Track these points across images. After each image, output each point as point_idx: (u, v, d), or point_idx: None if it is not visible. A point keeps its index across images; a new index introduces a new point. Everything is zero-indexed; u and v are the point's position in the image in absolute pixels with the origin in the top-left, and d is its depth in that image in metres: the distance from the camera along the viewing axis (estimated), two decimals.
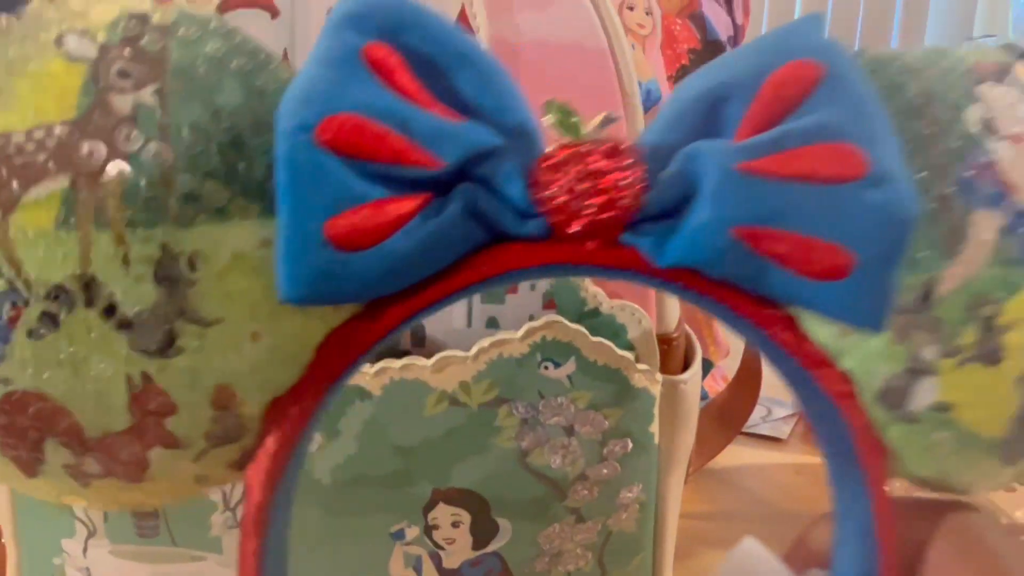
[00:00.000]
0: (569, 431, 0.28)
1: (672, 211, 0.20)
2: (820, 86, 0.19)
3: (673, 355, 0.29)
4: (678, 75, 0.37)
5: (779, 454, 0.45)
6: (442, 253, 0.19)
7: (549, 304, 0.29)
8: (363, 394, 0.29)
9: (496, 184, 0.19)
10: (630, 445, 0.29)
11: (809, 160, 0.18)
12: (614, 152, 0.19)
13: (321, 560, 0.31)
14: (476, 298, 0.30)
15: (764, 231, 0.19)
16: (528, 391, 0.28)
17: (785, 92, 0.19)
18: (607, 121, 0.20)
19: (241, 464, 0.20)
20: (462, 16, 0.28)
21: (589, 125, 0.20)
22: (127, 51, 0.18)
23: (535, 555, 0.31)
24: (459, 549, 0.30)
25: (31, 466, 0.19)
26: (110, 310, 0.18)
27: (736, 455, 0.43)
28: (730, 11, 0.45)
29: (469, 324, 0.30)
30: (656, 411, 0.29)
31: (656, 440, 0.29)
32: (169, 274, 0.18)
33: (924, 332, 0.20)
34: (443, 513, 0.29)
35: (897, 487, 0.21)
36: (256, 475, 0.20)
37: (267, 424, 0.20)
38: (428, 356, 0.28)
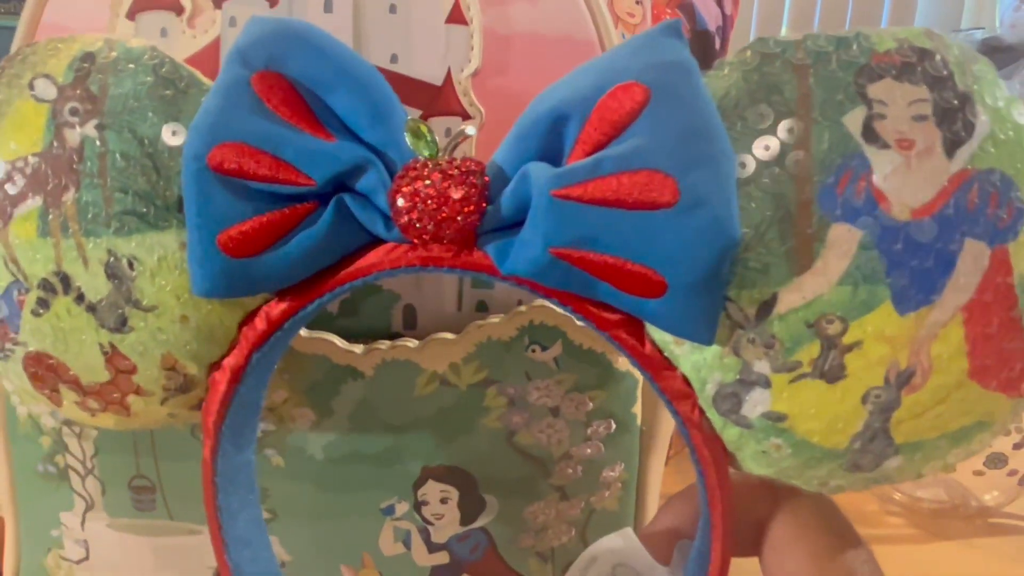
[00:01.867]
0: (555, 412, 0.30)
1: (516, 224, 0.21)
2: (645, 110, 0.19)
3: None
4: None
5: None
6: (326, 254, 0.23)
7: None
8: (355, 374, 0.30)
9: (369, 195, 0.22)
10: (613, 426, 0.30)
11: (621, 187, 0.19)
12: (457, 169, 0.21)
13: (313, 534, 0.32)
14: (466, 283, 0.30)
15: (579, 253, 0.20)
16: (516, 373, 0.29)
17: (611, 116, 0.19)
18: (457, 137, 0.21)
19: (199, 407, 0.26)
20: (456, 8, 0.29)
21: (443, 142, 0.21)
22: (78, 91, 0.23)
23: (520, 530, 0.32)
24: (447, 524, 0.31)
25: (56, 401, 0.26)
26: (80, 298, 0.24)
27: None
28: (719, 1, 0.40)
29: (459, 308, 0.30)
30: (639, 393, 0.30)
31: (639, 422, 0.30)
32: (116, 272, 0.23)
33: (757, 347, 0.20)
34: (432, 489, 0.30)
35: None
36: (207, 418, 0.25)
37: (211, 381, 0.25)
38: (419, 338, 0.29)
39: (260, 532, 0.28)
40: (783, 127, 0.20)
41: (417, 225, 0.21)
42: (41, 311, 0.24)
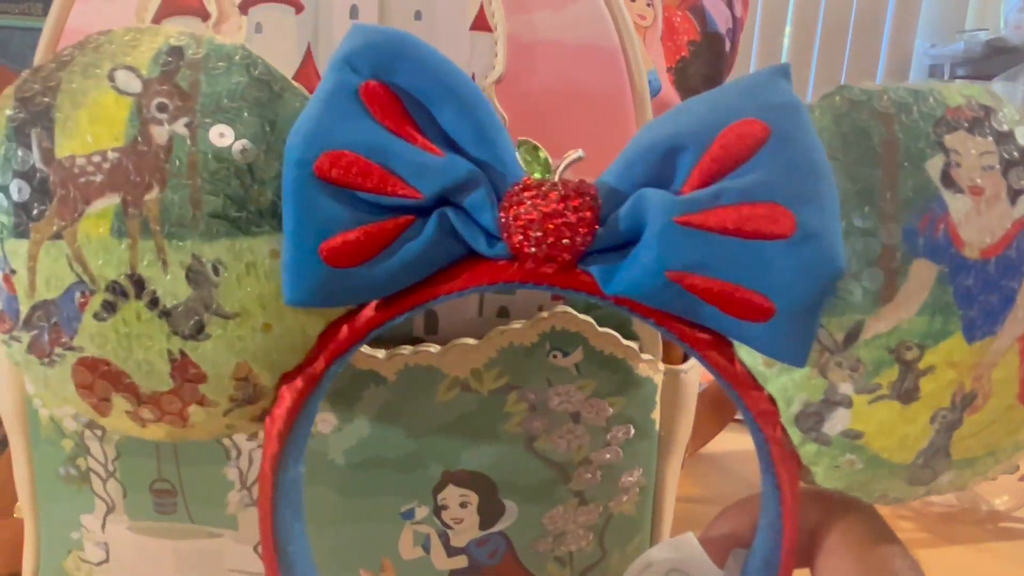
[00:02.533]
0: (575, 417, 0.30)
1: (621, 245, 0.22)
2: (764, 146, 0.21)
3: (674, 346, 0.31)
4: (678, 67, 0.37)
5: None
6: (422, 267, 0.23)
7: (558, 296, 0.30)
8: (377, 379, 0.30)
9: (472, 211, 0.22)
10: (632, 431, 0.30)
11: (741, 217, 0.20)
12: (574, 191, 0.22)
13: (333, 539, 0.32)
14: None
15: (694, 276, 0.21)
16: (537, 378, 0.29)
17: (732, 150, 0.21)
18: (573, 160, 0.22)
19: (261, 419, 0.25)
20: (480, 15, 0.29)
21: (559, 163, 0.22)
22: (165, 86, 0.22)
23: (539, 535, 0.32)
24: (466, 528, 0.31)
25: (103, 410, 0.24)
26: (154, 302, 0.22)
27: (727, 441, 0.44)
28: (730, 3, 0.43)
29: (480, 313, 0.30)
30: (658, 399, 0.31)
31: (657, 427, 0.31)
32: (198, 276, 0.22)
33: (843, 370, 0.22)
34: (452, 494, 0.30)
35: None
36: (272, 430, 0.25)
37: (279, 392, 0.24)
38: (441, 344, 0.30)
39: (307, 550, 0.27)
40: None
41: (532, 245, 0.22)
42: (106, 315, 0.23)
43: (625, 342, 0.30)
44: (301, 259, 0.22)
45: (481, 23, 0.29)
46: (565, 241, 0.22)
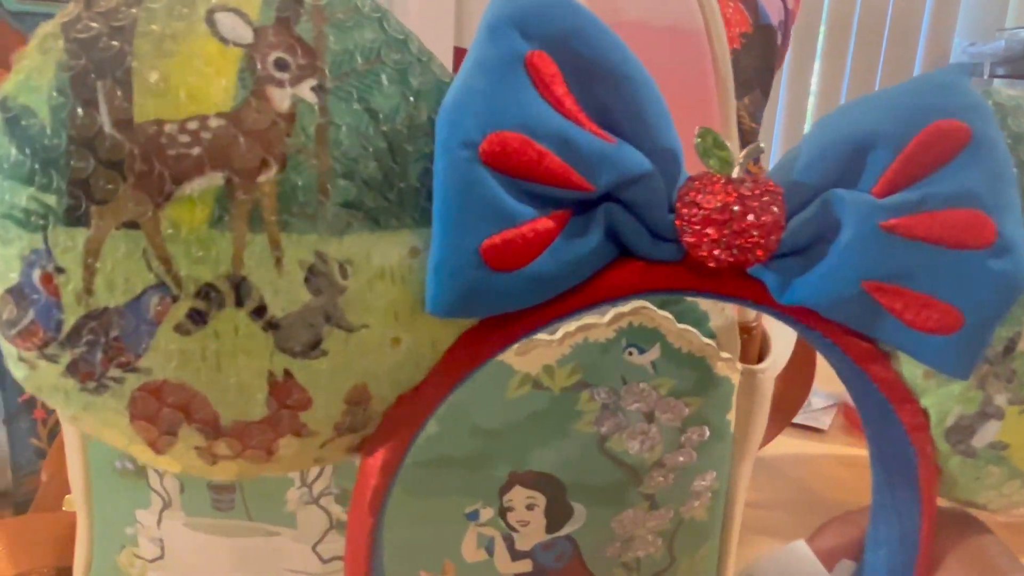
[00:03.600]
0: (649, 417, 0.29)
1: (801, 250, 0.20)
2: (965, 149, 0.19)
3: (752, 344, 0.30)
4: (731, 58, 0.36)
5: (821, 444, 0.46)
6: (581, 270, 0.20)
7: None
8: None
9: (639, 208, 0.19)
10: (707, 433, 0.29)
11: (945, 224, 0.19)
12: (758, 189, 0.19)
13: (394, 539, 0.30)
14: None
15: (890, 287, 0.20)
16: (611, 377, 0.28)
17: (932, 151, 0.19)
18: (754, 152, 0.20)
19: (358, 449, 0.21)
20: None
21: (738, 157, 0.20)
22: (284, 38, 0.17)
23: (607, 540, 0.31)
24: (532, 531, 0.30)
25: (161, 446, 0.19)
26: (259, 311, 0.18)
27: (779, 444, 0.43)
28: None
29: None
30: (734, 400, 0.30)
31: (732, 429, 0.30)
32: (321, 280, 0.18)
33: (1000, 381, 0.22)
34: (519, 495, 0.29)
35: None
36: (375, 462, 0.20)
37: (390, 417, 0.20)
38: None
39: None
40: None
41: (715, 247, 0.19)
42: (192, 328, 0.18)
43: (704, 340, 0.28)
44: (459, 260, 0.18)
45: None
46: (756, 246, 0.19)
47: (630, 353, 0.28)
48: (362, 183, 0.18)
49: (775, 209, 0.19)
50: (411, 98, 0.18)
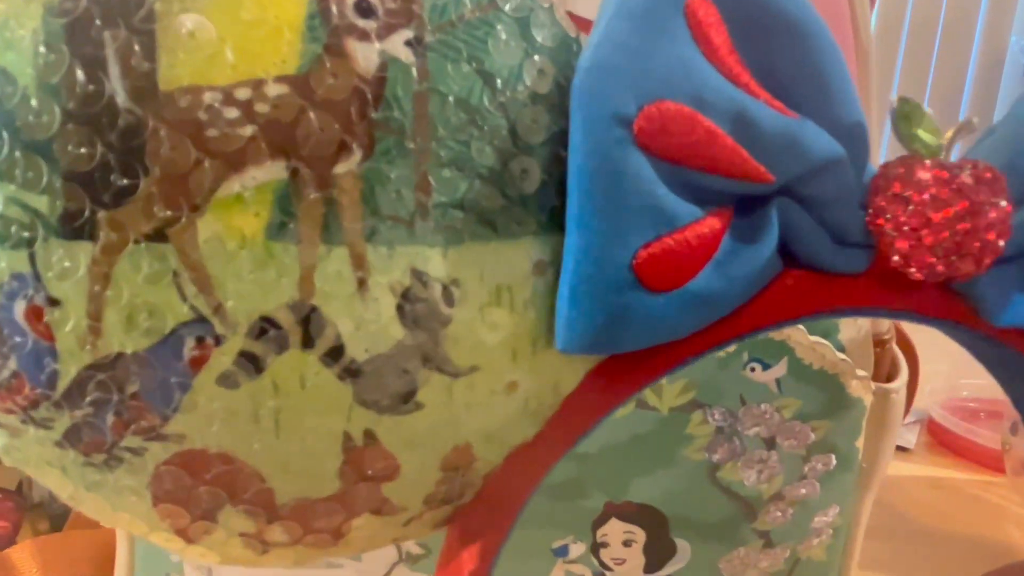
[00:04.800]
0: (770, 443, 0.25)
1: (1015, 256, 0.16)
2: None
3: (884, 359, 0.26)
4: None
5: (908, 465, 0.43)
6: (749, 289, 0.15)
7: None
8: None
9: (822, 204, 0.15)
10: (833, 462, 0.25)
11: None
12: (981, 181, 0.15)
13: None
14: None
15: None
16: (728, 396, 0.24)
17: None
18: (968, 129, 0.15)
19: (448, 522, 0.16)
20: None
21: (946, 136, 0.15)
22: None
23: None
24: (629, 571, 0.26)
25: (194, 534, 0.14)
26: (334, 353, 0.13)
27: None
28: None
29: None
30: (864, 423, 0.26)
31: (860, 457, 0.26)
32: (418, 309, 0.13)
33: None
34: (615, 529, 0.25)
35: None
36: (472, 542, 0.16)
37: (494, 483, 0.15)
38: None
39: None
40: None
41: (929, 256, 0.15)
42: (242, 378, 0.13)
43: (839, 355, 0.24)
44: (605, 277, 0.13)
45: None
46: (977, 249, 0.15)
47: (752, 369, 0.24)
48: (474, 175, 0.13)
49: (1003, 203, 0.15)
50: (535, 57, 0.13)
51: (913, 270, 0.15)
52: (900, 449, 0.43)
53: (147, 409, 0.13)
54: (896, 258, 0.15)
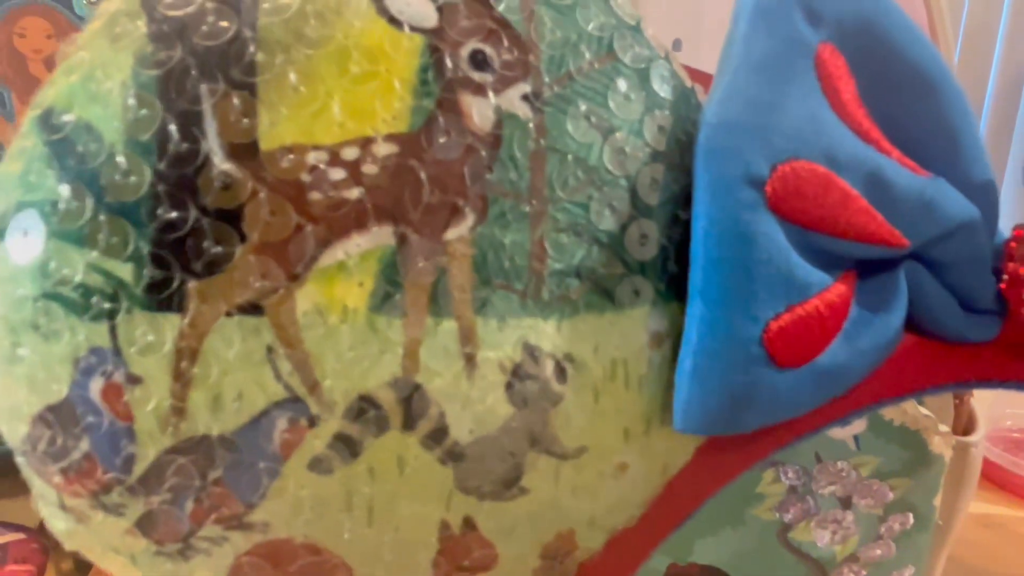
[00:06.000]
0: (845, 503, 0.24)
1: None
2: None
3: (962, 412, 0.25)
4: None
5: None
6: (876, 361, 0.14)
7: None
8: None
9: (954, 269, 0.14)
10: (911, 521, 0.24)
11: None
12: None
13: None
14: None
15: None
16: (803, 453, 0.23)
17: None
18: None
19: None
20: None
21: None
22: (484, 20, 0.11)
23: None
24: None
25: None
26: (437, 435, 0.12)
27: None
28: None
29: None
30: (943, 481, 0.24)
31: (937, 515, 0.25)
32: (528, 387, 0.12)
33: None
34: None
35: None
36: None
37: (590, 572, 0.14)
38: None
39: None
40: None
41: None
42: (337, 462, 0.11)
43: (923, 411, 0.23)
44: (732, 352, 0.12)
45: None
46: None
47: None
48: (593, 240, 0.12)
49: None
50: (656, 111, 0.12)
51: None
52: None
53: (230, 496, 0.11)
54: None
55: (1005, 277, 0.14)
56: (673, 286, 0.12)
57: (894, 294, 0.13)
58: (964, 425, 0.25)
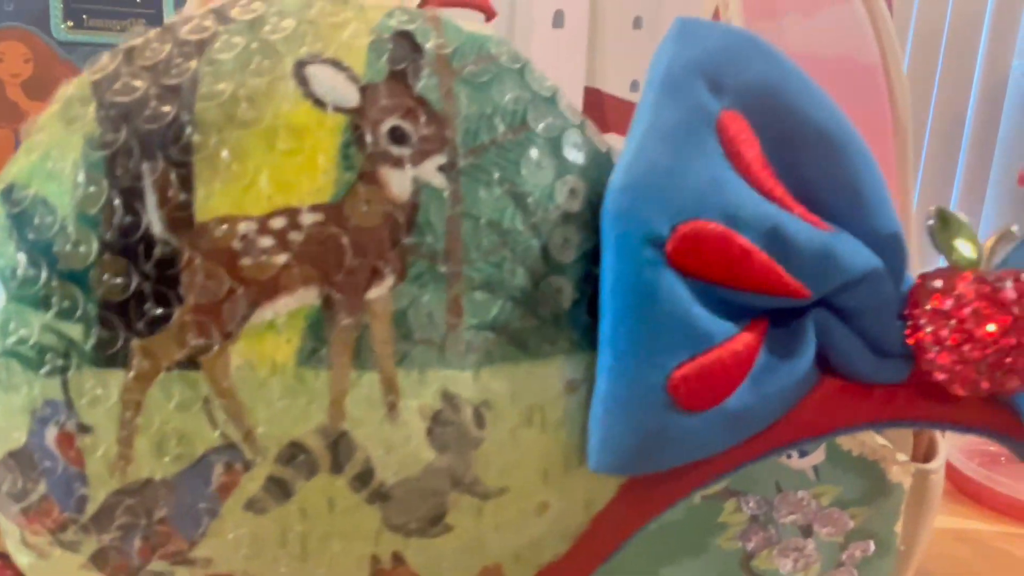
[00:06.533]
0: (806, 531, 0.24)
1: None
2: None
3: (922, 439, 0.25)
4: None
5: None
6: (785, 403, 0.15)
7: None
8: None
9: (859, 316, 0.15)
10: (872, 548, 0.25)
11: None
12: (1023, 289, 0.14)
13: None
14: None
15: None
16: (764, 483, 0.24)
17: None
18: (1009, 239, 0.15)
19: None
20: (715, 20, 0.22)
21: (987, 246, 0.15)
22: (402, 99, 0.12)
23: None
24: None
25: None
26: (364, 477, 0.13)
27: None
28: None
29: None
30: (903, 508, 0.25)
31: (898, 541, 0.25)
32: (448, 432, 0.13)
33: None
34: None
35: None
36: None
37: None
38: None
39: None
40: None
41: (974, 373, 0.14)
42: (270, 503, 0.12)
43: (880, 441, 0.23)
44: (639, 398, 0.13)
45: None
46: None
47: (788, 456, 0.23)
48: (506, 297, 0.13)
49: None
50: (567, 176, 0.13)
51: (956, 386, 0.14)
52: None
53: (174, 534, 0.13)
54: (937, 374, 0.14)
55: (910, 324, 0.15)
56: (587, 336, 0.13)
57: (801, 341, 0.14)
58: (924, 452, 0.26)
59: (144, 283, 0.12)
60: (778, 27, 0.22)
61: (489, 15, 0.20)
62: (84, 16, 0.36)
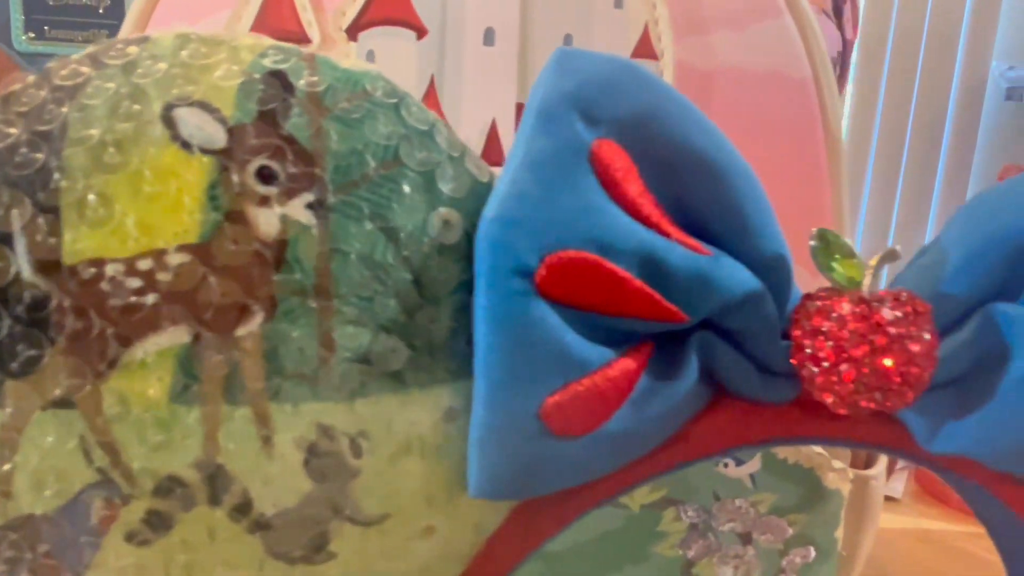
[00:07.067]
0: (745, 539, 0.25)
1: (954, 382, 0.15)
2: None
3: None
4: None
5: (896, 516, 0.41)
6: (668, 425, 0.15)
7: None
8: None
9: (743, 337, 0.15)
10: (812, 554, 0.25)
11: None
12: (901, 310, 0.15)
13: None
14: None
15: None
16: (702, 492, 0.24)
17: None
18: (890, 258, 0.15)
19: None
20: (644, 39, 0.22)
21: (869, 265, 0.15)
22: (271, 140, 0.13)
23: None
24: None
25: None
26: (243, 508, 0.13)
27: None
28: (840, 25, 0.40)
29: None
30: (843, 514, 0.25)
31: (839, 547, 0.26)
32: (325, 462, 0.13)
33: None
34: None
35: None
36: None
37: None
38: None
39: None
40: None
41: (852, 392, 0.14)
42: (151, 535, 0.13)
43: (816, 449, 0.24)
44: (511, 427, 0.13)
45: (645, 49, 0.22)
46: (898, 386, 0.15)
47: (725, 465, 0.24)
48: (378, 329, 0.13)
49: (926, 336, 0.15)
50: (441, 210, 0.14)
51: (837, 406, 0.15)
52: (888, 499, 0.40)
53: (59, 567, 0.13)
54: (819, 393, 0.15)
55: (791, 345, 0.15)
56: (466, 365, 0.14)
57: (682, 363, 0.14)
58: (865, 459, 0.26)
59: (16, 326, 0.12)
60: (708, 42, 0.22)
61: (420, 32, 0.20)
62: (46, 27, 0.36)
